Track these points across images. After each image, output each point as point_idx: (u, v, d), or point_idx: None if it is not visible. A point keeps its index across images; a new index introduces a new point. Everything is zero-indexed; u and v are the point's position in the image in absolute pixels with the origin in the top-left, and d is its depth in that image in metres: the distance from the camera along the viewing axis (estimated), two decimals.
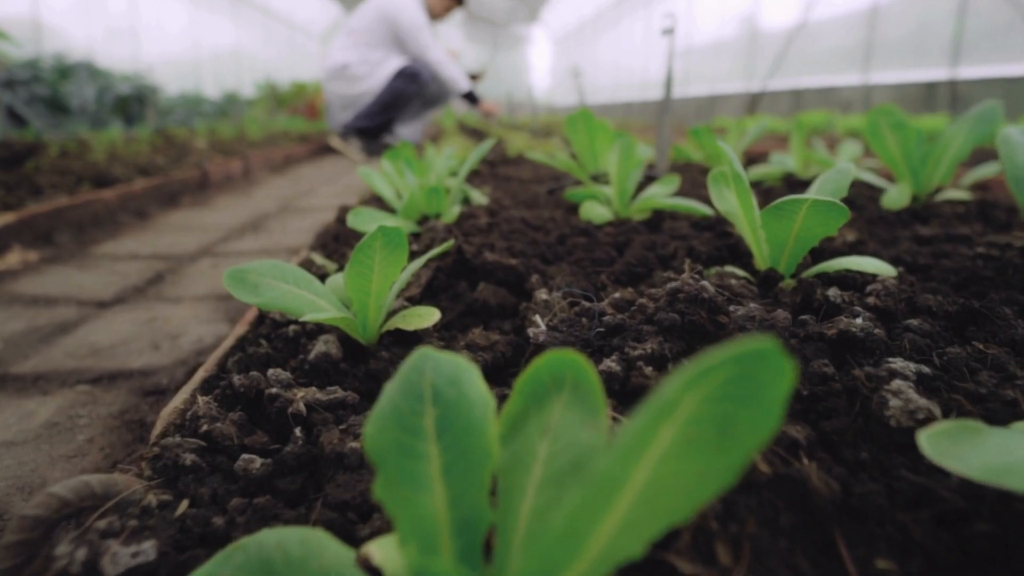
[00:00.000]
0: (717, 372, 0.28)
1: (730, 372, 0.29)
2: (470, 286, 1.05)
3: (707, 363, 0.28)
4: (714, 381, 0.29)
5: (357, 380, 0.79)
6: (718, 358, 0.27)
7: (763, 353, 0.28)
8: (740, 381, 0.29)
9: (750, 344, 0.28)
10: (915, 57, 8.19)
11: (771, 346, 0.28)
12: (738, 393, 0.30)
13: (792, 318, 0.66)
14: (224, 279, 0.82)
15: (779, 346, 0.29)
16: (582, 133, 2.04)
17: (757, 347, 0.28)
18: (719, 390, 0.29)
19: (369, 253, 0.80)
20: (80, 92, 7.87)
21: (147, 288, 1.85)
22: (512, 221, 1.34)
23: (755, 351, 0.28)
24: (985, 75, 7.15)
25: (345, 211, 1.79)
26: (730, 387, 0.30)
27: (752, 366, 0.29)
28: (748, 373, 0.29)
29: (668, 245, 1.07)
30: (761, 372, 0.29)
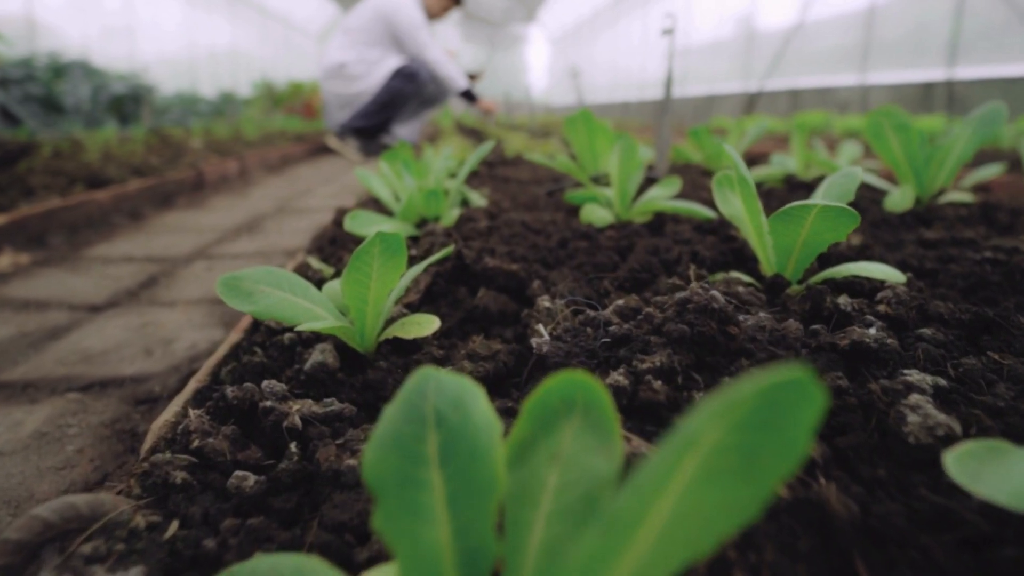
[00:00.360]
0: (746, 403, 0.26)
1: (759, 402, 0.27)
2: (470, 292, 1.03)
3: (736, 395, 0.25)
4: (741, 411, 0.27)
5: (354, 391, 0.77)
6: (749, 390, 0.25)
7: (796, 383, 0.26)
8: (768, 410, 0.27)
9: (783, 374, 0.26)
10: (912, 57, 8.19)
11: (804, 376, 0.26)
12: (765, 422, 0.28)
13: (803, 328, 0.64)
14: (217, 287, 0.80)
15: (813, 375, 0.27)
16: (582, 134, 2.02)
17: (791, 377, 0.26)
18: (746, 419, 0.27)
19: (367, 260, 0.78)
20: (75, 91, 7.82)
21: (140, 292, 1.82)
22: (512, 224, 1.32)
23: (789, 382, 0.26)
24: (982, 76, 7.16)
25: (342, 213, 1.76)
26: (757, 416, 0.28)
27: (783, 396, 0.27)
28: (778, 402, 0.27)
29: (672, 250, 1.05)
30: (791, 401, 0.27)
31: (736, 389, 0.26)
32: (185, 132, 6.02)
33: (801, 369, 0.26)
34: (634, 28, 16.14)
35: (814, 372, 0.27)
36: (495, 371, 0.73)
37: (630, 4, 16.26)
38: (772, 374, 0.26)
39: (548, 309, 0.78)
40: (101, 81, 8.07)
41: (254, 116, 9.37)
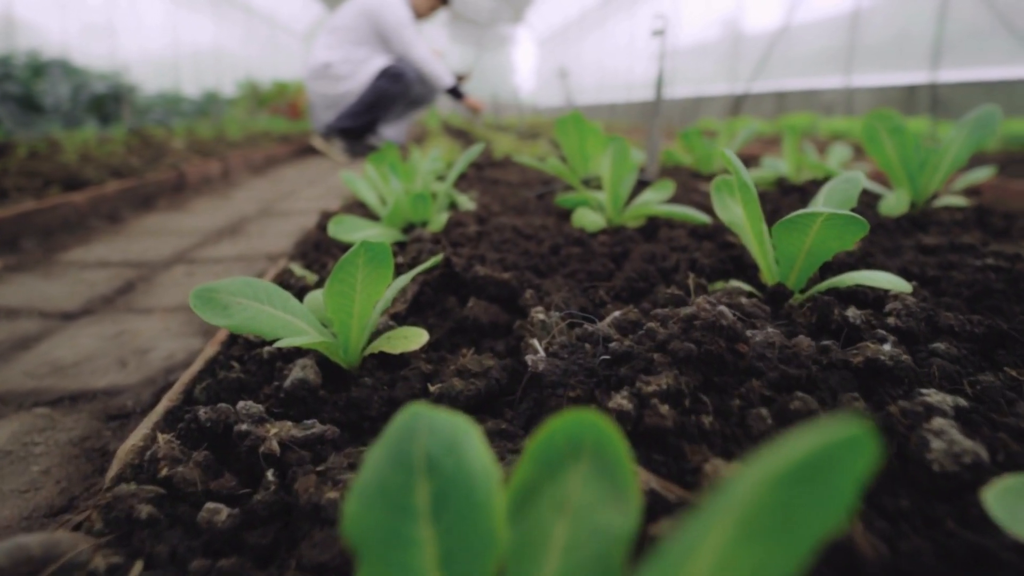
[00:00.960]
0: (795, 463, 0.22)
1: (808, 460, 0.23)
2: (459, 301, 0.99)
3: (785, 457, 0.22)
4: (786, 469, 0.23)
5: (337, 410, 0.73)
6: (799, 451, 0.22)
7: (850, 441, 0.22)
8: (816, 467, 0.24)
9: (839, 432, 0.22)
10: (896, 60, 8.27)
11: (861, 432, 0.23)
12: (811, 478, 0.24)
13: (814, 344, 0.60)
14: (191, 299, 0.75)
15: (868, 429, 0.23)
16: (572, 136, 1.99)
17: (847, 435, 0.22)
18: (790, 476, 0.23)
19: (351, 270, 0.73)
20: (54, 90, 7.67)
21: (116, 298, 1.75)
22: (503, 229, 1.28)
23: (845, 440, 0.22)
24: (965, 79, 7.23)
25: (327, 217, 1.71)
26: (803, 473, 0.24)
27: (834, 452, 0.23)
28: (827, 458, 0.23)
29: (669, 257, 1.01)
30: (842, 457, 0.23)
31: (787, 452, 0.22)
32: (167, 132, 5.92)
33: (857, 425, 0.23)
34: (621, 29, 16.17)
35: (871, 427, 0.23)
36: (487, 389, 0.69)
37: (617, 5, 16.29)
38: (827, 432, 0.22)
39: (543, 322, 0.74)
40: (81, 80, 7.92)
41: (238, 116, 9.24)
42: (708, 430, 0.50)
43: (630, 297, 0.89)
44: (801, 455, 0.22)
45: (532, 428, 0.62)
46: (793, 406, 0.52)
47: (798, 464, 0.23)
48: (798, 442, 0.22)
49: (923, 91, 7.78)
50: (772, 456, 0.22)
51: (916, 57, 7.91)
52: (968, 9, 7.17)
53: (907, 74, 8.05)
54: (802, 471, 0.24)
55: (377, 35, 5.57)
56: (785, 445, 0.22)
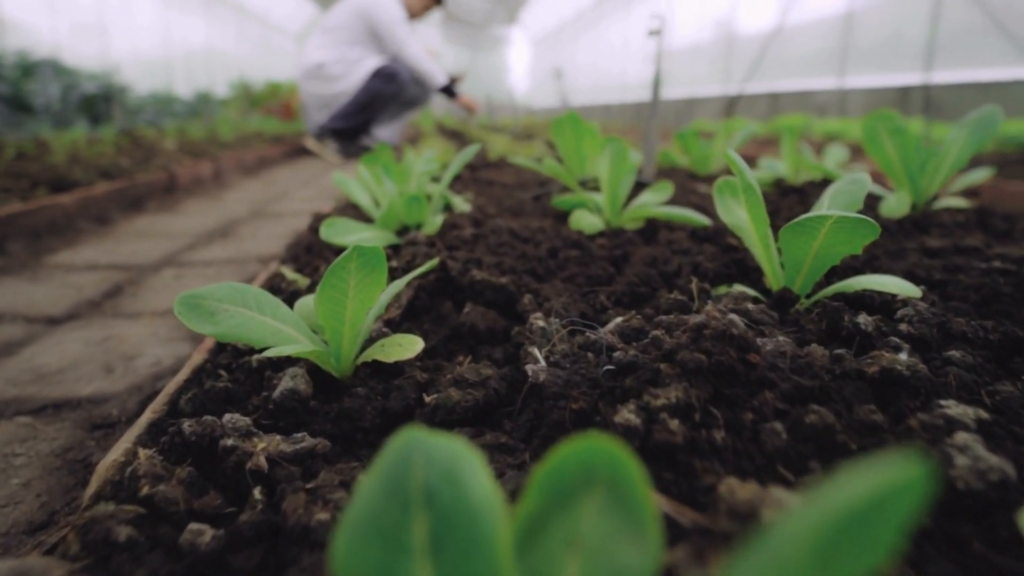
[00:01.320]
0: (842, 514, 0.20)
1: (856, 509, 0.20)
2: (455, 306, 0.96)
3: (832, 508, 0.19)
4: (834, 521, 0.20)
5: (329, 421, 0.70)
6: (848, 501, 0.19)
7: (905, 485, 0.20)
8: (863, 516, 0.21)
9: (891, 476, 0.20)
10: (889, 62, 8.29)
11: (916, 474, 0.20)
12: (857, 528, 0.21)
13: (828, 353, 0.58)
14: (176, 306, 0.72)
15: (924, 469, 0.20)
16: (569, 137, 1.96)
17: (900, 480, 0.19)
18: (835, 527, 0.21)
19: (343, 276, 0.70)
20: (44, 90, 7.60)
21: (103, 302, 1.72)
22: (499, 232, 1.25)
23: (897, 485, 0.19)
24: (958, 80, 7.26)
25: (319, 219, 1.68)
26: (849, 523, 0.21)
27: (885, 498, 0.20)
28: (876, 506, 0.20)
29: (670, 261, 0.98)
30: (891, 499, 0.21)
31: (834, 501, 0.19)
32: (158, 133, 5.86)
33: (913, 466, 0.20)
34: (616, 30, 16.18)
35: (930, 465, 0.20)
36: (485, 400, 0.66)
37: (612, 6, 16.30)
38: (879, 477, 0.20)
39: (542, 329, 0.72)
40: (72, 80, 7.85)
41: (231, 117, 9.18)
42: (720, 446, 0.47)
43: (632, 302, 0.87)
44: (850, 505, 0.19)
45: (533, 440, 0.60)
46: (808, 420, 0.50)
47: (846, 515, 0.20)
48: (846, 489, 0.20)
49: (916, 92, 7.80)
50: (817, 504, 0.20)
51: (909, 58, 7.93)
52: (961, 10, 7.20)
53: (900, 75, 8.08)
54: (850, 521, 0.21)
55: (371, 35, 5.54)
56: (832, 491, 0.20)
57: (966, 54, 7.17)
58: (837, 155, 2.58)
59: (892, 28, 8.28)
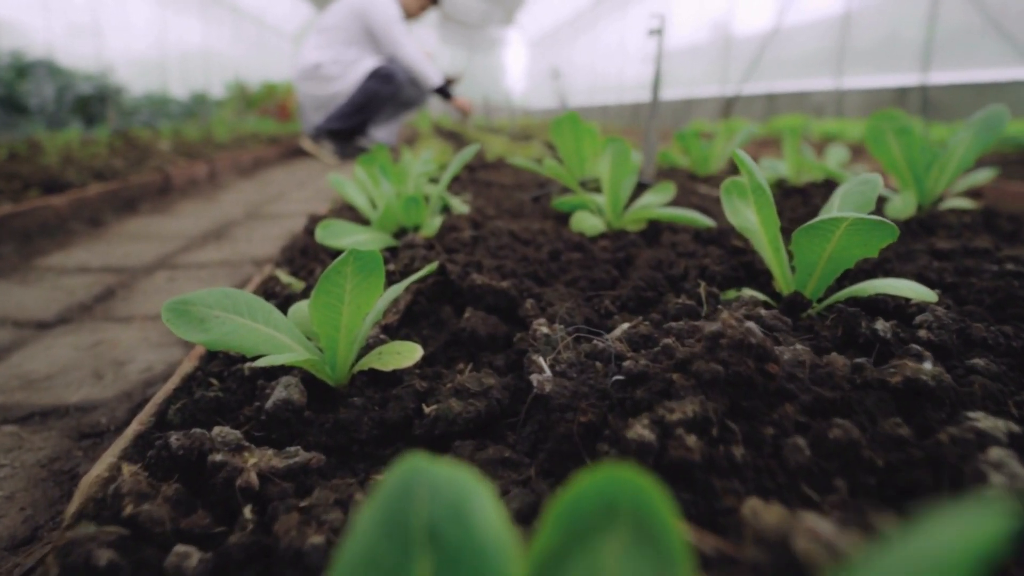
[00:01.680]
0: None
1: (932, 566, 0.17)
2: (455, 311, 0.93)
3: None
4: None
5: (324, 433, 0.67)
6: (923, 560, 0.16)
7: (983, 538, 0.17)
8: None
9: (970, 531, 0.17)
10: (887, 62, 8.30)
11: (998, 527, 0.17)
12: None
13: (849, 363, 0.55)
14: (163, 313, 0.69)
15: (1006, 521, 0.17)
16: (568, 137, 1.93)
17: (979, 536, 0.17)
18: None
19: (338, 281, 0.67)
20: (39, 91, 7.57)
21: (95, 306, 1.68)
22: (499, 234, 1.22)
23: (975, 540, 0.17)
24: (956, 80, 7.27)
25: (315, 221, 1.65)
26: None
27: (959, 555, 0.17)
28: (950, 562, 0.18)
29: (676, 264, 0.96)
30: (965, 556, 0.18)
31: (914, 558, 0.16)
32: (153, 134, 5.82)
33: (994, 517, 0.17)
34: (613, 31, 16.18)
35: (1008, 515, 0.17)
36: (487, 410, 0.64)
37: (609, 7, 16.30)
38: (956, 531, 0.17)
39: (546, 336, 0.69)
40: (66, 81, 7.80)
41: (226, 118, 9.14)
42: (740, 463, 0.45)
43: (638, 307, 0.84)
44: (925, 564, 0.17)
45: (539, 454, 0.57)
46: (832, 435, 0.47)
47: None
48: (920, 544, 0.17)
49: (914, 93, 7.80)
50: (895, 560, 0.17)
51: (906, 59, 7.94)
52: (958, 11, 7.21)
53: (897, 76, 8.08)
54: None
55: (367, 35, 5.50)
56: (906, 546, 0.17)
57: (963, 55, 7.18)
58: (838, 155, 2.56)
59: (889, 29, 8.29)
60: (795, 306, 0.81)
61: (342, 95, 5.50)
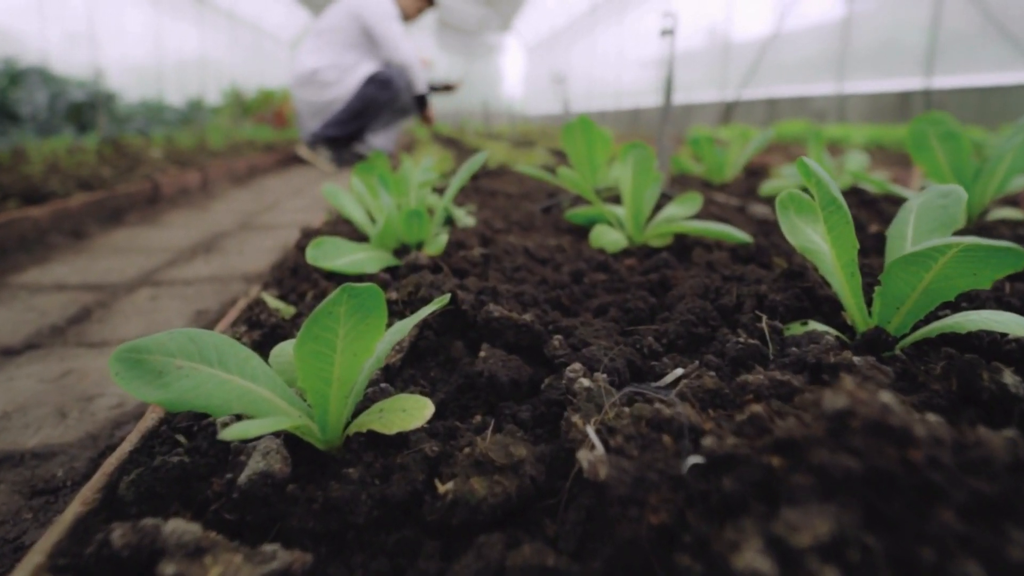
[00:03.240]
0: None
1: None
2: (468, 347, 0.80)
3: None
4: None
5: (311, 516, 0.53)
6: None
7: None
8: None
9: None
10: (889, 67, 8.22)
11: None
12: None
13: (1008, 441, 0.42)
14: (112, 365, 0.56)
15: None
16: (580, 143, 1.81)
17: None
18: None
19: (329, 325, 0.54)
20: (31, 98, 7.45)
21: (68, 329, 1.54)
22: (513, 253, 1.09)
23: None
24: (959, 84, 7.18)
25: (308, 236, 1.51)
26: None
27: None
28: None
29: (725, 290, 0.82)
30: None
31: None
32: (144, 141, 5.68)
33: None
34: (610, 37, 16.14)
35: None
36: (519, 492, 0.50)
37: (605, 12, 16.26)
38: None
39: (588, 391, 0.55)
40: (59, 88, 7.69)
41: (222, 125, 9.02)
42: None
43: (689, 346, 0.71)
44: None
45: (591, 559, 0.43)
46: (1015, 556, 0.33)
47: None
48: None
49: (917, 97, 7.71)
50: None
51: (909, 63, 7.86)
52: (961, 14, 7.13)
53: (900, 80, 8.00)
54: None
55: (365, 37, 5.39)
56: None
57: (967, 58, 7.10)
58: (858, 162, 2.43)
59: (891, 33, 8.21)
60: (875, 344, 0.68)
61: (339, 101, 5.38)
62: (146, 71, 10.90)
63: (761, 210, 1.93)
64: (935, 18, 7.40)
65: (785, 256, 1.10)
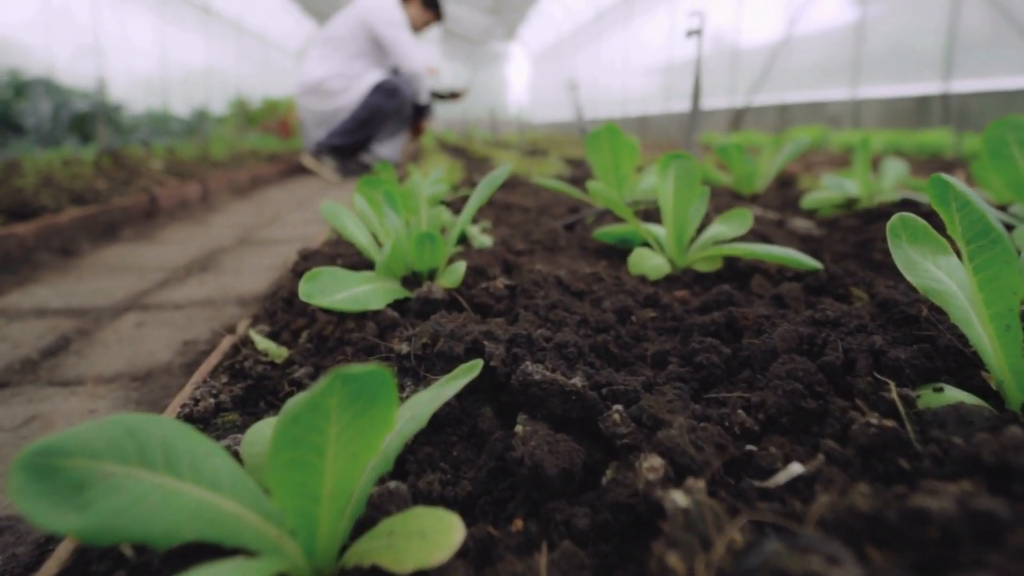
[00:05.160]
0: None
1: None
2: (499, 415, 0.63)
3: None
4: None
5: None
6: None
7: None
8: None
9: None
10: (905, 71, 8.04)
11: None
12: None
13: None
14: (11, 479, 0.39)
15: None
16: (605, 153, 1.64)
17: None
18: None
19: (316, 423, 0.38)
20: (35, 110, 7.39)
21: (42, 363, 1.39)
22: (544, 285, 0.92)
23: None
24: (980, 88, 6.99)
25: (306, 258, 1.36)
26: None
27: None
28: None
29: (821, 339, 0.65)
30: None
31: None
32: (145, 152, 5.57)
33: None
34: (615, 44, 16.04)
35: None
36: None
37: (611, 20, 16.17)
38: None
39: (686, 514, 0.39)
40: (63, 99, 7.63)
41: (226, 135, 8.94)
42: None
43: (794, 424, 0.54)
44: None
45: None
46: None
47: None
48: None
49: (935, 102, 7.53)
50: None
51: (926, 67, 7.68)
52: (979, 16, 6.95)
53: (917, 85, 7.82)
54: None
55: (373, 45, 5.26)
56: None
57: (987, 61, 6.91)
58: (897, 170, 2.26)
59: (906, 36, 8.04)
60: None
61: (345, 110, 5.25)
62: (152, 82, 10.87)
63: (803, 224, 1.76)
64: (952, 21, 7.22)
65: (864, 286, 0.93)
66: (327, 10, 17.36)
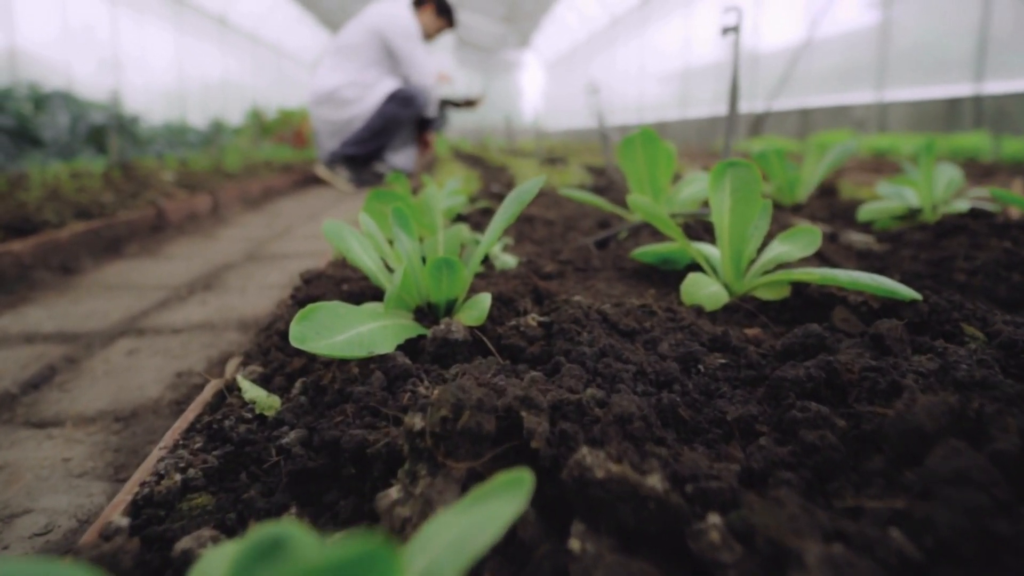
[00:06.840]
0: None
1: None
2: (543, 518, 0.47)
3: None
4: None
5: None
6: None
7: None
8: None
9: None
10: (933, 72, 7.79)
11: None
12: None
13: None
14: None
15: None
16: (640, 161, 1.49)
17: None
18: None
19: None
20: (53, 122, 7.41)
21: (21, 397, 1.26)
22: (587, 323, 0.76)
23: None
24: (1015, 89, 6.71)
25: (308, 281, 1.21)
26: None
27: None
28: None
29: (974, 409, 0.49)
30: None
31: None
32: (158, 164, 5.51)
33: None
34: (630, 51, 15.89)
35: None
36: None
37: (626, 26, 16.04)
38: None
39: None
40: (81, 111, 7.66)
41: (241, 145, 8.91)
42: None
43: (976, 555, 0.38)
44: None
45: None
46: None
47: None
48: None
49: (967, 104, 7.26)
50: None
51: (956, 68, 7.43)
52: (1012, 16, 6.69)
53: (947, 87, 7.55)
54: None
55: (386, 54, 5.16)
56: None
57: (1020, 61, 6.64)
58: (950, 176, 2.07)
59: (934, 37, 7.79)
60: None
61: (359, 119, 5.15)
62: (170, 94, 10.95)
63: (860, 239, 1.58)
64: (983, 20, 6.97)
65: (977, 322, 0.76)
66: (343, 21, 17.43)
